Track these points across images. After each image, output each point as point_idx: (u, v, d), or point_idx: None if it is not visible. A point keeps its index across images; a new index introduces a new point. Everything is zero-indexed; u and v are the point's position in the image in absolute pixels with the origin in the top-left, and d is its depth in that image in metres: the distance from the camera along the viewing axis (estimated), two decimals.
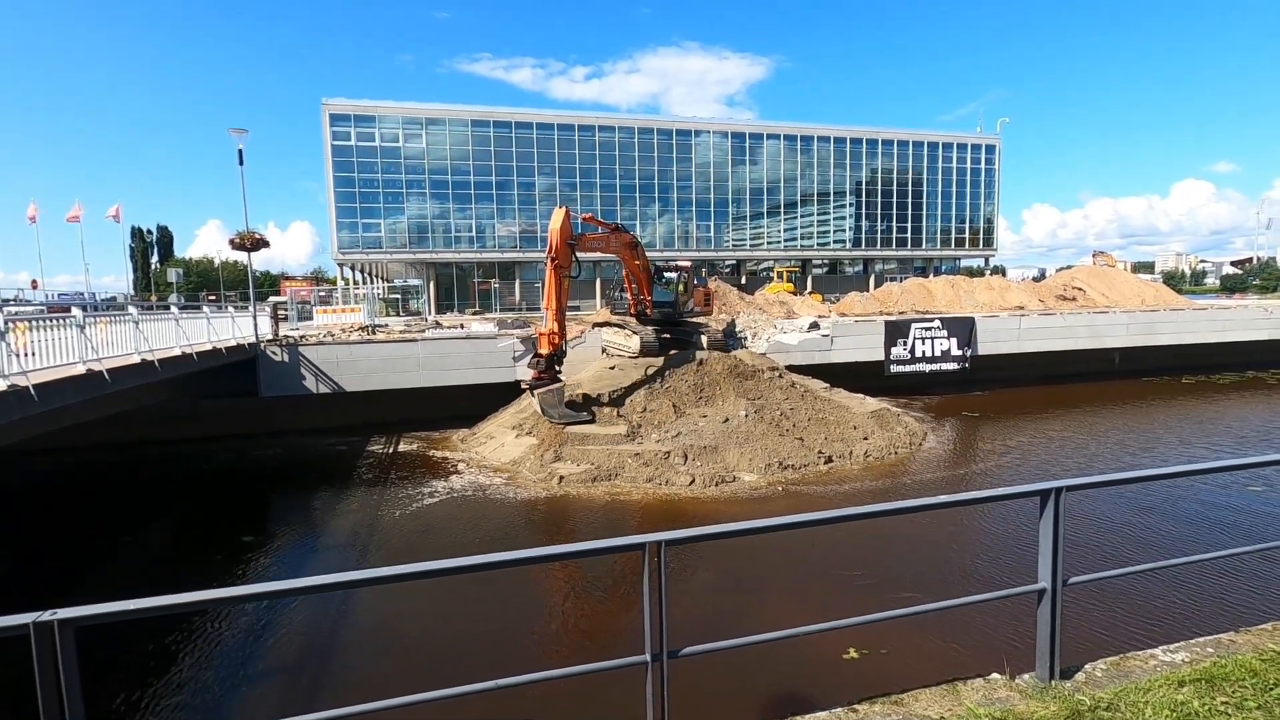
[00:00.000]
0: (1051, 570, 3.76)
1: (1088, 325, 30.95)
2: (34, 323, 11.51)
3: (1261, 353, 33.87)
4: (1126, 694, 3.60)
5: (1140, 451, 19.15)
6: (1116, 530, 12.52)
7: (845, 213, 63.92)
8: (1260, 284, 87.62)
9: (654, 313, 23.19)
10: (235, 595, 2.80)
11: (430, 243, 53.57)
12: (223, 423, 22.08)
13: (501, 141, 54.02)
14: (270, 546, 13.45)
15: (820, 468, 17.43)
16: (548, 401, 18.66)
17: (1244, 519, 13.07)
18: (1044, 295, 37.04)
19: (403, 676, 8.38)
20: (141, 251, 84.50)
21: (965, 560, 11.69)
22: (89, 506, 16.30)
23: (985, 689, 3.79)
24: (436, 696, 2.97)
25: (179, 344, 16.27)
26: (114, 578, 12.15)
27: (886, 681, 6.00)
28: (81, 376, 11.71)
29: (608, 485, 16.23)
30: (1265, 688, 3.60)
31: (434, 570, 2.88)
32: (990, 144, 67.07)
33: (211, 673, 8.64)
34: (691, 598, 10.12)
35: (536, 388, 18.81)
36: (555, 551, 3.17)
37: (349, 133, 50.88)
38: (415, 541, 13.35)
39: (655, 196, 58.54)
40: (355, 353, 22.03)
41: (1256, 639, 4.31)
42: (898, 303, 34.93)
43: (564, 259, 18.41)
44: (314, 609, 10.04)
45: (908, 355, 27.38)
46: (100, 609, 2.44)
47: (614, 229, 20.72)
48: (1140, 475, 4.37)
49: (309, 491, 16.70)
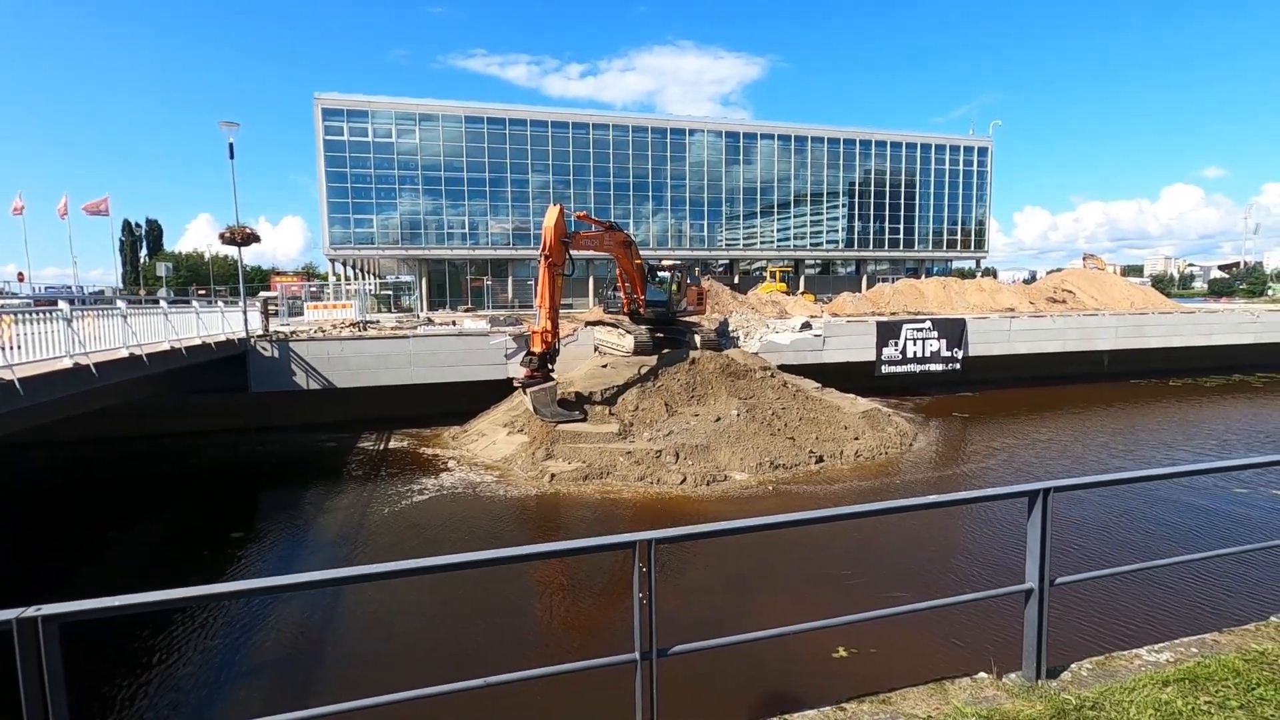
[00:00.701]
0: (1039, 570, 3.78)
1: (1077, 328, 31.19)
2: (20, 316, 11.38)
3: (1247, 356, 34.24)
4: (1111, 693, 3.63)
5: (1124, 453, 19.32)
6: (1101, 532, 12.63)
7: (838, 213, 64.09)
8: (1247, 288, 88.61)
9: (647, 312, 23.17)
10: (222, 591, 2.78)
11: (423, 239, 53.31)
12: (212, 418, 21.93)
13: (495, 138, 53.80)
14: (259, 543, 13.37)
15: (811, 467, 17.48)
16: (540, 400, 18.62)
17: (1227, 521, 13.20)
18: (1034, 297, 37.31)
19: (391, 673, 8.35)
20: (131, 245, 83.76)
21: (954, 560, 11.76)
22: (78, 501, 16.14)
23: (972, 688, 3.82)
24: (424, 694, 2.97)
25: (168, 339, 16.13)
26: (101, 574, 12.04)
27: (875, 680, 6.04)
28: (68, 370, 11.59)
29: (599, 483, 16.22)
30: (1247, 687, 3.64)
31: (423, 568, 2.87)
32: (983, 146, 67.40)
33: (198, 669, 8.58)
34: (681, 596, 10.13)
35: (529, 386, 18.76)
36: (545, 549, 3.17)
37: (342, 127, 50.53)
38: (405, 539, 13.29)
39: (649, 195, 58.48)
40: (346, 349, 21.91)
41: (1240, 639, 4.36)
42: (889, 303, 35.08)
43: (557, 256, 18.37)
44: (302, 605, 9.98)
45: (899, 356, 27.50)
46: (84, 605, 2.42)
47: (608, 227, 20.69)
48: (1127, 477, 4.41)
49: (299, 488, 16.61)
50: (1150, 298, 39.99)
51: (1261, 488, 14.80)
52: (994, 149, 67.77)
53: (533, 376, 18.84)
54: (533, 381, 18.76)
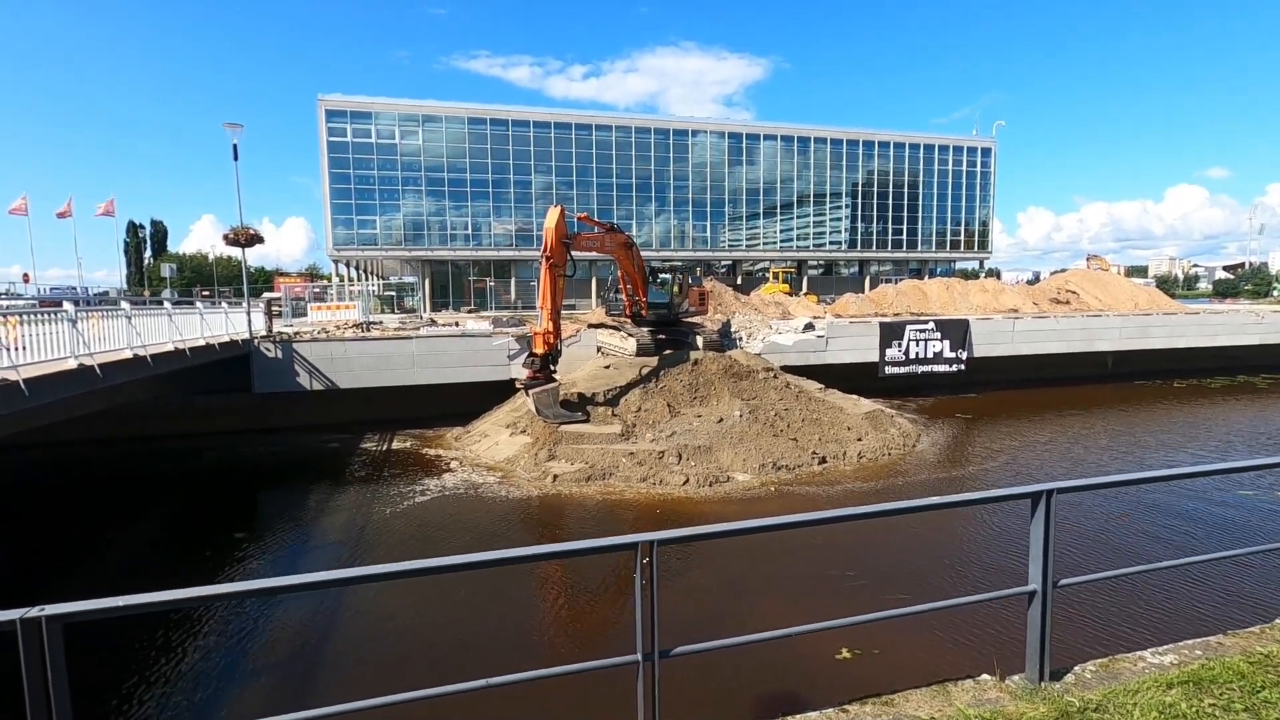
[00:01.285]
0: (1042, 572, 3.77)
1: (1081, 328, 31.09)
2: (25, 316, 11.42)
3: (1252, 357, 34.10)
4: (1115, 695, 3.62)
5: (1128, 455, 19.25)
6: (1108, 533, 12.59)
7: (841, 214, 64.02)
8: (1252, 289, 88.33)
9: (649, 313, 23.17)
10: (226, 592, 2.79)
11: (426, 240, 53.38)
12: (215, 419, 21.98)
13: (498, 139, 53.85)
14: (262, 543, 13.39)
15: (814, 468, 17.46)
16: (542, 401, 18.63)
17: (1232, 523, 13.14)
18: (1038, 298, 37.23)
19: (393, 674, 8.35)
20: (135, 246, 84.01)
21: (957, 561, 11.73)
22: (80, 502, 16.19)
23: (975, 690, 3.81)
24: (426, 695, 2.97)
25: (172, 339, 16.17)
26: (104, 574, 12.07)
27: (879, 682, 6.02)
28: (73, 371, 11.63)
29: (601, 484, 16.21)
30: (1252, 690, 3.62)
31: (424, 569, 2.87)
32: (986, 147, 67.27)
33: (201, 669, 8.60)
34: (684, 597, 10.12)
35: (531, 387, 18.77)
36: (547, 550, 3.17)
37: (345, 129, 50.63)
38: (407, 539, 13.30)
39: (652, 196, 58.47)
40: (349, 350, 21.95)
41: (1244, 642, 4.34)
42: (892, 304, 35.02)
43: (559, 258, 18.38)
44: (305, 606, 10.00)
45: (902, 357, 27.45)
46: (88, 605, 2.42)
47: (609, 228, 20.69)
48: (1131, 478, 4.39)
49: (301, 488, 16.64)
50: (1154, 298, 39.86)
51: (1267, 490, 14.74)
52: (997, 149, 67.65)
53: (535, 377, 18.85)
54: (535, 383, 18.77)
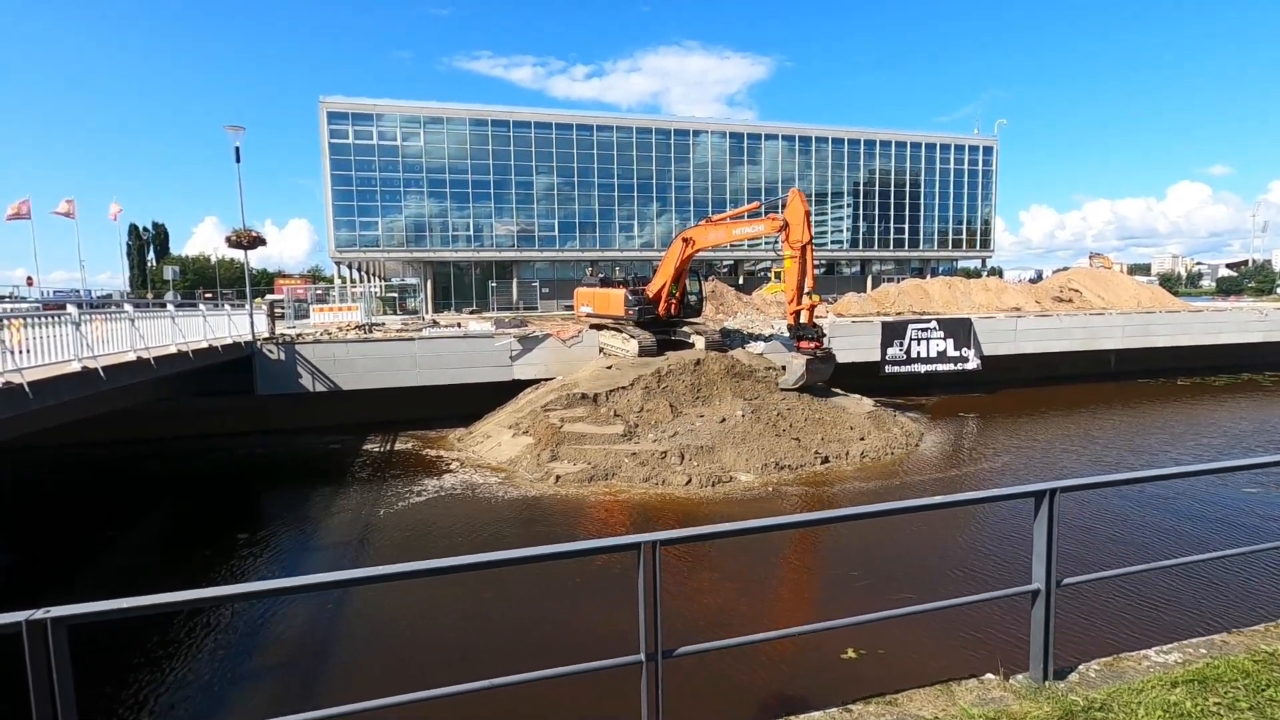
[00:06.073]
0: (1045, 571, 3.76)
1: (1084, 327, 31.02)
2: (29, 319, 11.46)
3: (1256, 355, 33.98)
4: (1119, 694, 3.61)
5: (1131, 453, 19.21)
6: (1111, 531, 12.56)
7: (843, 213, 63.97)
8: (1256, 286, 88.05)
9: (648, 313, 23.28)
10: (229, 594, 2.79)
11: (428, 241, 53.42)
12: (218, 421, 22.01)
13: (500, 140, 53.89)
14: (264, 544, 13.41)
15: (817, 468, 17.44)
16: (819, 372, 20.76)
17: (1236, 521, 13.10)
18: (1040, 297, 37.14)
19: (395, 675, 8.36)
20: (138, 249, 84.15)
21: (961, 561, 11.71)
22: (84, 503, 16.23)
23: (979, 689, 3.80)
24: (429, 695, 2.97)
25: (175, 342, 16.20)
26: (108, 575, 12.10)
27: (883, 681, 6.01)
28: (76, 374, 11.66)
29: (604, 485, 16.22)
30: (1257, 689, 3.61)
31: (426, 570, 2.87)
32: (988, 145, 67.16)
33: (206, 671, 8.62)
34: (687, 597, 10.12)
35: (816, 355, 20.68)
36: (549, 551, 3.17)
37: (347, 130, 50.70)
38: (409, 540, 13.32)
39: (654, 196, 58.44)
40: (352, 351, 21.98)
41: (1249, 640, 4.33)
42: (895, 303, 34.97)
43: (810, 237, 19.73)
44: (308, 607, 10.01)
45: (904, 356, 27.40)
46: (93, 607, 2.43)
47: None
48: (1134, 477, 4.39)
49: (304, 489, 16.66)
50: (1157, 296, 39.75)
51: (1273, 487, 14.69)
52: (999, 148, 67.54)
53: (818, 346, 20.92)
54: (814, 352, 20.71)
